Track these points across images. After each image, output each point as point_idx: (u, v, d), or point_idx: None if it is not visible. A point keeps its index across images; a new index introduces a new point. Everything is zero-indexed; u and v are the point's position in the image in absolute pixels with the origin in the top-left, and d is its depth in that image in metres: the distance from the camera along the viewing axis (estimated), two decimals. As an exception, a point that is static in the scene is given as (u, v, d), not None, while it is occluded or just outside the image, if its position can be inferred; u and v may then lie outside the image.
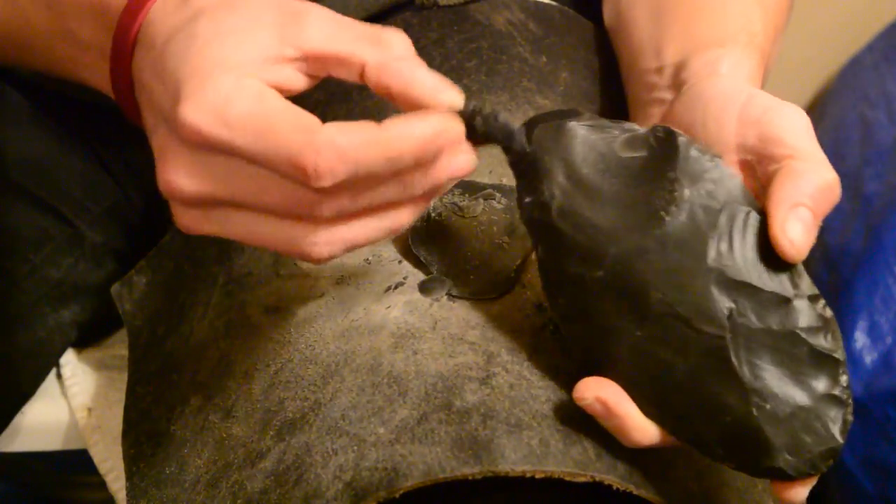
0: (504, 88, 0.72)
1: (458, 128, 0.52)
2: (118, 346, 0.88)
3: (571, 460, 0.54)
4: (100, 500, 1.26)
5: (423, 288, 0.62)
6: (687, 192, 0.54)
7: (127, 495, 0.65)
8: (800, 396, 0.53)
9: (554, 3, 0.80)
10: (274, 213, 0.52)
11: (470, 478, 0.53)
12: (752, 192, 0.55)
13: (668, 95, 0.67)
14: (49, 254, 0.81)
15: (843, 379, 0.53)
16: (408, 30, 0.75)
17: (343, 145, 0.49)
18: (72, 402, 0.85)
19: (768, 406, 0.53)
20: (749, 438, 0.53)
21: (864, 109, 1.34)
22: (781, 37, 0.73)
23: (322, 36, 0.52)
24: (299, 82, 0.53)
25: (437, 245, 0.64)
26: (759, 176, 0.58)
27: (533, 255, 0.62)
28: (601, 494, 0.56)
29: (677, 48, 0.67)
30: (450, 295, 0.62)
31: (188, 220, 0.53)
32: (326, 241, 0.52)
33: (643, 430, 0.55)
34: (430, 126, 0.51)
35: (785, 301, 0.53)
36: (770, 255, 0.53)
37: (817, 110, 1.44)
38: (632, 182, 0.55)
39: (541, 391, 0.57)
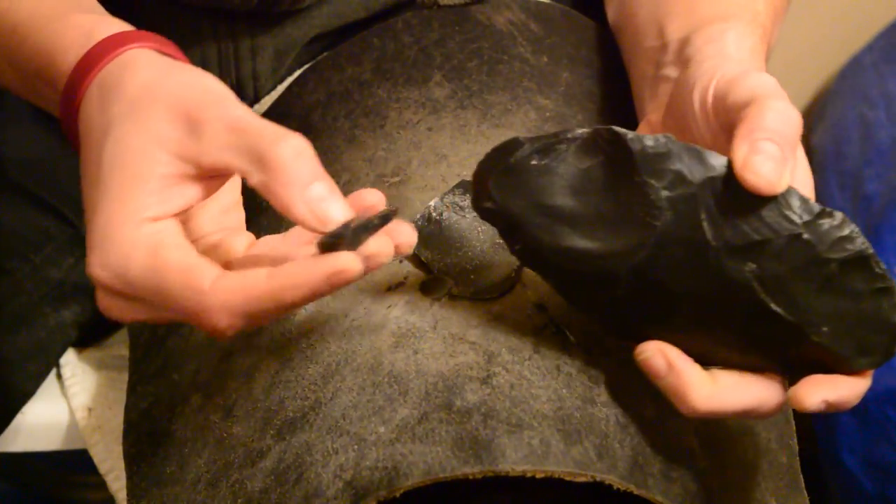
0: (505, 88, 0.72)
1: (356, 267, 0.51)
2: (118, 346, 0.88)
3: (572, 460, 0.54)
4: (100, 500, 1.26)
5: (424, 287, 0.62)
6: (662, 192, 0.54)
7: (128, 494, 0.65)
8: (849, 305, 0.54)
9: (555, 2, 0.80)
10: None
11: (470, 477, 0.53)
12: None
13: (673, 72, 0.66)
14: (50, 254, 0.81)
15: (880, 268, 0.54)
16: (409, 30, 0.75)
17: (234, 306, 0.51)
18: (72, 402, 0.85)
19: (825, 328, 0.54)
20: (821, 360, 0.54)
21: (864, 109, 1.34)
22: (781, 21, 0.73)
23: (217, 149, 0.53)
24: (199, 195, 0.55)
25: (437, 245, 0.64)
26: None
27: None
28: (602, 494, 0.56)
29: (680, 24, 0.67)
30: (450, 294, 0.62)
31: (108, 305, 0.55)
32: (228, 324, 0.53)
33: (701, 387, 0.54)
34: (323, 271, 0.51)
35: (796, 237, 0.53)
36: (759, 201, 0.53)
37: (817, 110, 1.44)
38: (605, 194, 0.55)
39: (541, 391, 0.57)
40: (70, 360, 0.86)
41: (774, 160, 0.53)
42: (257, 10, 0.75)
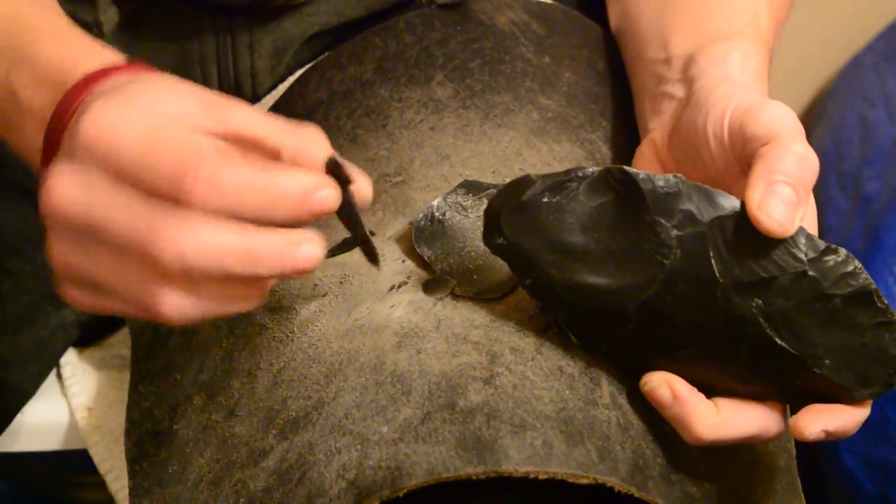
0: (507, 89, 0.72)
1: (334, 193, 0.53)
2: (119, 346, 0.88)
3: (574, 462, 0.54)
4: (100, 500, 1.25)
5: (427, 287, 0.62)
6: (673, 231, 0.55)
7: (130, 494, 0.65)
8: (851, 338, 0.55)
9: (556, 3, 0.80)
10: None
11: (473, 478, 0.53)
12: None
13: (678, 90, 0.67)
14: (52, 253, 0.81)
15: (882, 303, 0.55)
16: (411, 29, 0.75)
17: (223, 189, 0.51)
18: (72, 402, 0.84)
19: (828, 361, 0.55)
20: (823, 390, 0.56)
21: (864, 109, 1.34)
22: (781, 31, 0.73)
23: (244, 118, 0.54)
24: None
25: (440, 244, 0.64)
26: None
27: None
28: (604, 496, 0.56)
29: (684, 40, 0.67)
30: (453, 294, 0.62)
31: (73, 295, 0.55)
32: (173, 303, 0.52)
33: (707, 418, 0.55)
34: (307, 179, 0.52)
35: (803, 274, 0.54)
36: (768, 240, 0.54)
37: (817, 110, 1.44)
38: (615, 232, 0.56)
39: (544, 392, 0.57)
40: (70, 360, 0.86)
41: (789, 204, 0.54)
42: (254, 4, 0.75)
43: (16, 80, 0.59)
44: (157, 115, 0.52)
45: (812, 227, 0.57)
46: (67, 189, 0.52)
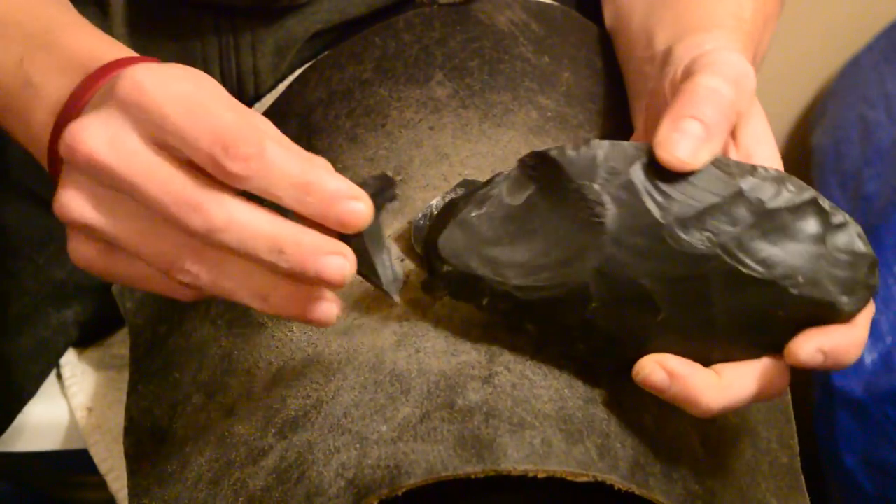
0: (507, 88, 0.72)
1: (365, 210, 0.51)
2: (118, 346, 0.88)
3: (573, 460, 0.54)
4: (100, 500, 1.25)
5: (426, 286, 0.62)
6: (596, 186, 0.55)
7: (129, 493, 0.65)
8: (814, 248, 0.54)
9: (556, 3, 0.80)
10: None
11: (472, 477, 0.53)
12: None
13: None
14: (53, 254, 0.81)
15: (827, 205, 0.55)
16: (410, 28, 0.75)
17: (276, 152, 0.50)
18: (72, 402, 0.84)
19: (800, 278, 0.54)
20: (811, 316, 0.54)
21: (864, 109, 1.34)
22: (774, 26, 0.73)
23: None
24: None
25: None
26: None
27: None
28: (604, 494, 0.56)
29: (667, 35, 0.67)
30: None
31: (81, 251, 0.54)
32: (192, 271, 0.51)
33: (710, 387, 0.54)
34: (346, 184, 0.51)
35: (739, 194, 0.54)
36: (692, 172, 0.54)
37: (817, 110, 1.44)
38: (550, 216, 0.56)
39: (543, 391, 0.57)
40: (70, 360, 0.86)
41: (692, 138, 0.54)
42: (258, 6, 0.75)
43: (30, 68, 0.58)
44: (200, 87, 0.51)
45: (774, 165, 0.57)
46: (100, 136, 0.50)
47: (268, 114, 0.77)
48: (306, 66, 0.78)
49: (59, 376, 0.86)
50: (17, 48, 0.59)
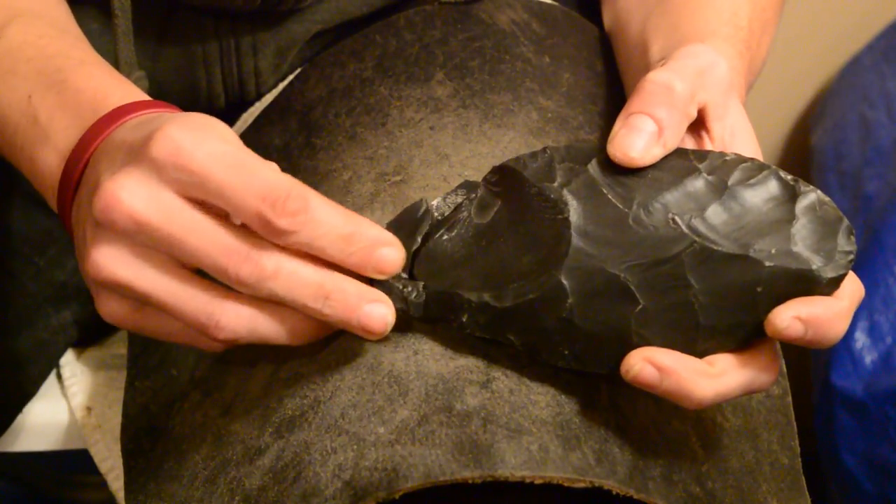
0: (507, 88, 0.72)
1: (396, 254, 0.54)
2: (118, 346, 0.88)
3: (571, 466, 0.54)
4: (100, 499, 1.26)
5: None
6: (556, 185, 0.56)
7: (125, 490, 0.65)
8: (780, 218, 0.55)
9: (557, 3, 0.80)
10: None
11: (470, 481, 0.53)
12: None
13: None
14: (54, 255, 0.81)
15: (789, 177, 0.55)
16: (411, 27, 0.75)
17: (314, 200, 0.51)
18: (72, 402, 0.85)
19: (773, 250, 0.54)
20: (790, 286, 0.54)
21: (864, 109, 1.34)
22: (774, 31, 0.72)
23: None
24: None
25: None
26: None
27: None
28: (605, 497, 0.56)
29: (663, 44, 0.67)
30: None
31: (112, 308, 0.54)
32: (231, 318, 0.53)
33: (701, 377, 0.53)
34: (382, 231, 0.54)
35: (698, 175, 0.55)
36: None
37: (817, 110, 1.44)
38: (517, 227, 0.57)
39: (540, 396, 0.57)
40: (70, 360, 0.86)
41: (640, 134, 0.55)
42: (260, 10, 0.75)
43: (39, 105, 0.58)
44: (234, 143, 0.52)
45: (753, 154, 0.58)
46: (139, 195, 0.51)
47: (267, 112, 0.77)
48: (307, 63, 0.78)
49: (59, 376, 0.86)
50: (26, 85, 0.59)
